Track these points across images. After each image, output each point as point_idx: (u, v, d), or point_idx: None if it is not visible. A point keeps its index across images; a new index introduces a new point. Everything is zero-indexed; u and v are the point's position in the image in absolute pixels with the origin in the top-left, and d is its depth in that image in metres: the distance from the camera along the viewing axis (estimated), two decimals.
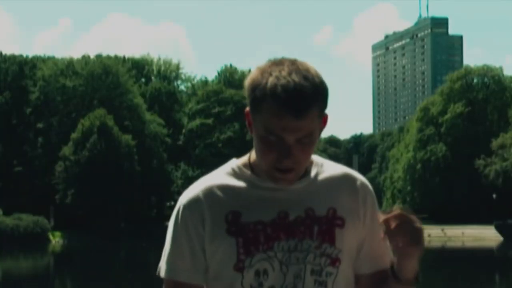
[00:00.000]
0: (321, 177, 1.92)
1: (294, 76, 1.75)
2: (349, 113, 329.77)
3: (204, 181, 1.90)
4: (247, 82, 1.81)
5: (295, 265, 1.84)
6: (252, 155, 1.91)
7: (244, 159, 1.93)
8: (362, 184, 1.95)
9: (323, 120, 1.83)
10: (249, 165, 1.90)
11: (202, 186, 1.89)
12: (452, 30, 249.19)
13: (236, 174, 1.90)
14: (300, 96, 1.73)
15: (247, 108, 1.83)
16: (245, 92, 1.82)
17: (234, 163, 1.93)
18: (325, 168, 1.94)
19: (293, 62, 1.80)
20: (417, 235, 1.89)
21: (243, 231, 1.84)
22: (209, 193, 1.87)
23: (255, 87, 1.78)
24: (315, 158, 1.95)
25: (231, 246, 1.84)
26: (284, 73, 1.76)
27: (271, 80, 1.75)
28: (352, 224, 1.90)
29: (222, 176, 1.90)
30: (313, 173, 1.91)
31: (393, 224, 1.85)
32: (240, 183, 1.88)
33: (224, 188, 1.88)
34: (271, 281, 1.84)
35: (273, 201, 1.86)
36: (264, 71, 1.78)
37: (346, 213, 1.89)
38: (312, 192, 1.89)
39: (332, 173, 1.94)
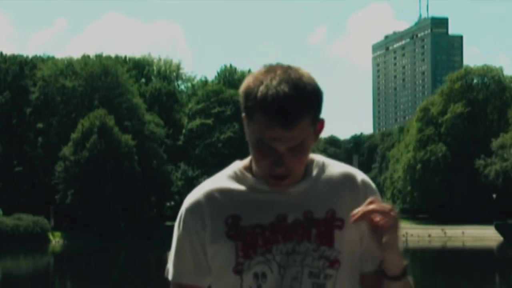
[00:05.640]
0: (321, 178, 1.91)
1: (284, 85, 1.73)
2: (349, 113, 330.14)
3: (206, 185, 1.93)
4: (241, 89, 1.81)
5: (293, 267, 1.85)
6: None
7: (246, 161, 1.94)
8: (364, 182, 1.93)
9: (319, 125, 1.83)
10: (250, 168, 1.91)
11: (203, 190, 1.92)
12: (452, 30, 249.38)
13: (237, 177, 1.91)
14: (289, 107, 1.72)
15: (243, 114, 1.83)
16: (240, 99, 1.82)
17: (237, 165, 1.94)
18: (326, 168, 1.93)
19: (285, 70, 1.78)
20: (392, 222, 1.81)
21: (242, 234, 1.86)
22: (210, 197, 1.90)
23: (247, 96, 1.78)
24: (317, 157, 1.95)
25: (230, 249, 1.86)
26: (274, 82, 1.74)
27: (261, 90, 1.74)
28: (353, 224, 1.86)
29: (223, 179, 1.92)
30: (313, 175, 1.91)
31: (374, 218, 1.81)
32: (241, 187, 1.90)
33: (225, 192, 1.89)
34: (270, 284, 1.85)
35: (272, 205, 1.87)
36: (256, 79, 1.77)
37: (346, 214, 1.86)
38: (312, 194, 1.89)
39: (333, 173, 1.93)
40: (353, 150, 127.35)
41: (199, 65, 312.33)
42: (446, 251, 56.10)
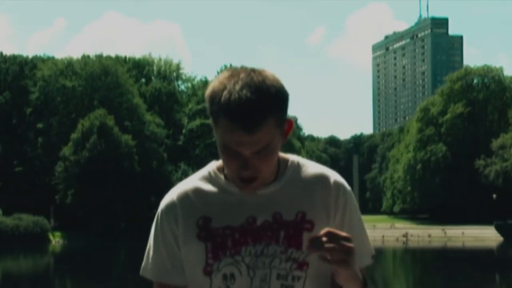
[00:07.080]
0: (294, 179, 1.92)
1: (246, 90, 1.74)
2: (349, 113, 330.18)
3: (181, 186, 1.96)
4: (206, 93, 1.81)
5: (262, 269, 1.86)
6: None
7: (220, 162, 1.93)
8: (336, 184, 1.93)
9: (287, 125, 1.83)
10: (224, 169, 1.92)
11: (178, 191, 1.94)
12: (452, 30, 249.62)
13: (210, 178, 1.93)
14: (251, 112, 1.73)
15: (210, 118, 1.84)
16: (206, 103, 1.82)
17: (211, 166, 1.96)
18: (301, 169, 1.94)
19: (249, 73, 1.79)
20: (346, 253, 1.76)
21: (212, 236, 1.88)
22: (184, 198, 1.92)
23: (212, 100, 1.79)
24: (292, 158, 1.95)
25: (201, 250, 1.88)
26: (237, 87, 1.75)
27: (224, 95, 1.75)
28: (322, 227, 1.83)
29: (198, 180, 1.95)
30: (286, 176, 1.91)
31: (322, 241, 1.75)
32: (213, 188, 1.92)
33: (198, 193, 1.92)
34: (238, 285, 1.86)
35: (242, 206, 1.88)
36: (220, 83, 1.78)
37: (316, 216, 1.88)
38: (282, 196, 1.89)
39: (306, 175, 1.93)
40: (353, 150, 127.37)
41: (199, 65, 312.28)
42: (446, 251, 56.10)
